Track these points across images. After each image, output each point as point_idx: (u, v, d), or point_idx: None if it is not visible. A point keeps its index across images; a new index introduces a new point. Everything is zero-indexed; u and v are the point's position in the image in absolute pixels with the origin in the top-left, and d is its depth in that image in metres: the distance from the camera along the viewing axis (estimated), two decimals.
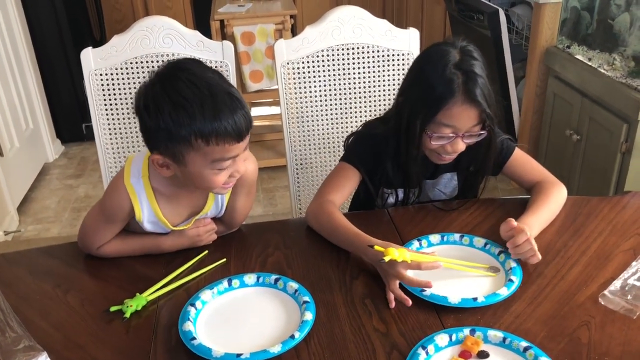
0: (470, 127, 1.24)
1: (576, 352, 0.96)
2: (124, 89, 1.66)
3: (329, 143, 1.81)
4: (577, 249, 1.22)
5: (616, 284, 1.10)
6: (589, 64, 2.38)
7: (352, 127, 1.80)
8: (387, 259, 1.04)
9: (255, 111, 3.82)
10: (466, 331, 0.99)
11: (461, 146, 1.27)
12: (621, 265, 1.16)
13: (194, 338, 0.99)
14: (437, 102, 1.22)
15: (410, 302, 1.06)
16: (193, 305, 1.07)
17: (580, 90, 2.42)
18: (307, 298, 1.08)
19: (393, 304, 1.07)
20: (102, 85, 1.64)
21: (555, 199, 1.32)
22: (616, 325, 1.01)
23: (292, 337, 0.98)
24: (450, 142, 1.26)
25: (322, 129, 1.79)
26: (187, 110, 1.02)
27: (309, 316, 1.03)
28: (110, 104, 1.67)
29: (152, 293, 1.12)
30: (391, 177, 1.39)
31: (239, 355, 0.95)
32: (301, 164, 1.81)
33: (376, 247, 1.08)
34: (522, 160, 1.42)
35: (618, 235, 1.25)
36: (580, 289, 1.10)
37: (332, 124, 1.79)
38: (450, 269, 1.15)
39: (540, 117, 2.77)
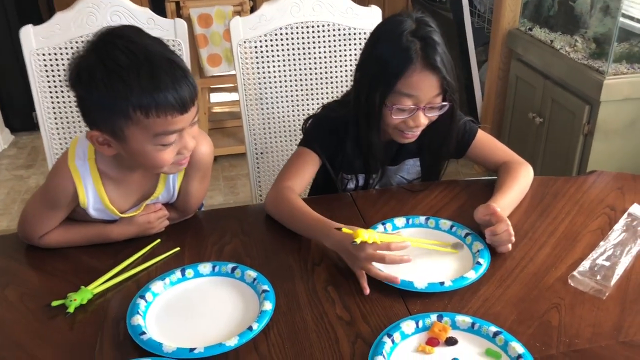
0: (431, 98, 1.19)
1: (547, 335, 0.93)
2: None
3: (289, 127, 1.74)
4: (545, 230, 1.19)
5: (585, 265, 1.08)
6: (551, 46, 2.37)
7: (312, 109, 1.73)
8: (358, 240, 0.99)
9: (214, 97, 3.72)
10: (433, 317, 0.95)
11: (423, 120, 1.22)
12: (589, 245, 1.14)
13: (144, 332, 0.92)
14: (396, 72, 1.17)
15: (368, 291, 1.02)
16: (143, 297, 0.99)
17: (542, 72, 2.41)
18: (266, 287, 1.02)
19: (367, 290, 1.02)
20: (46, 66, 1.54)
21: (523, 179, 1.29)
22: (586, 306, 0.99)
23: (250, 328, 0.92)
24: (412, 115, 1.21)
25: (282, 112, 1.72)
26: (123, 79, 0.94)
27: (269, 306, 0.97)
28: (55, 86, 1.56)
29: (99, 285, 1.04)
30: (351, 161, 1.34)
31: (192, 349, 0.89)
32: (261, 150, 1.74)
33: (344, 230, 1.03)
34: (486, 141, 1.38)
35: (585, 215, 1.23)
36: (549, 271, 1.07)
37: (292, 106, 1.72)
38: (418, 247, 1.11)
39: (503, 100, 2.76)
